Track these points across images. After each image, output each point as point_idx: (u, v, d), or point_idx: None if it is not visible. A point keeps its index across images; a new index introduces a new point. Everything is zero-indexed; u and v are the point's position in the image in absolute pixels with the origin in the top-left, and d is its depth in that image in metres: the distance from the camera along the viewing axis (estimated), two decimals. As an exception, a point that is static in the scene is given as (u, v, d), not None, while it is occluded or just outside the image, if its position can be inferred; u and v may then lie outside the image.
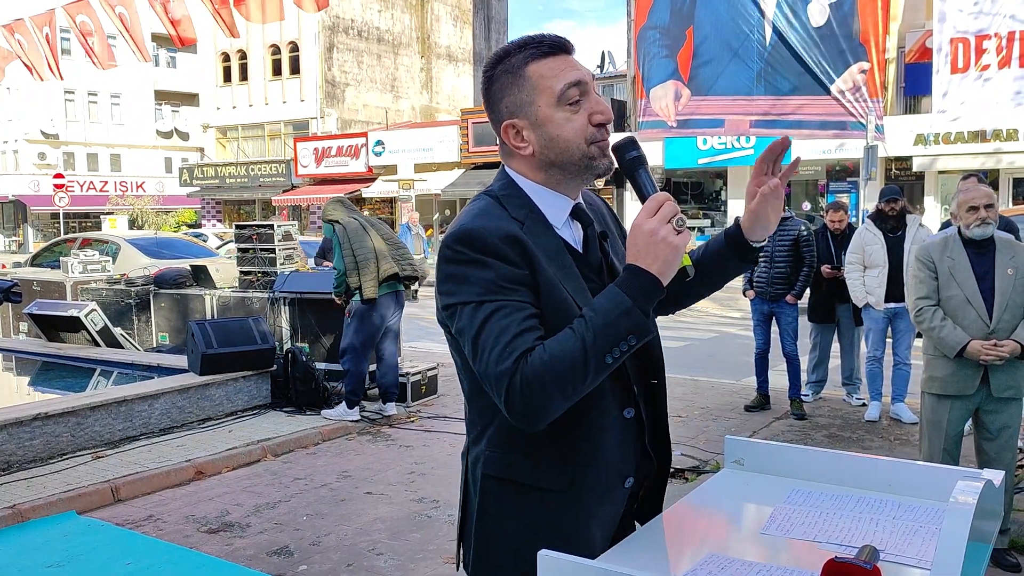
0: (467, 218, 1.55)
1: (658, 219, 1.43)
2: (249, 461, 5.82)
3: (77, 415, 5.80)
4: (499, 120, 1.60)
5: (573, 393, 1.42)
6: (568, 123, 1.54)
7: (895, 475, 1.71)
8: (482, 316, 1.45)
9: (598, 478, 1.58)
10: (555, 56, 1.56)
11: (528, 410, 1.41)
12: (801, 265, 6.68)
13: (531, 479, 1.57)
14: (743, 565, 1.39)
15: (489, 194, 1.61)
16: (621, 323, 1.40)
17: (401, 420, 6.91)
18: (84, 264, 10.49)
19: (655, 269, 1.42)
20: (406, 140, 27.85)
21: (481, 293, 1.46)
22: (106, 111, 43.66)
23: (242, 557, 4.21)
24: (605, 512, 1.61)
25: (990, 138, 17.96)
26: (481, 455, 1.62)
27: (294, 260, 8.92)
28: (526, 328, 1.44)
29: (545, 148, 1.56)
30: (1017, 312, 3.84)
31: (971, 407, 3.97)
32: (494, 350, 1.42)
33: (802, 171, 21.56)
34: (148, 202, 40.48)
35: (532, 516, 1.58)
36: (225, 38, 32.74)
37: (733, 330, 11.22)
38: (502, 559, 1.61)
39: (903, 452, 5.68)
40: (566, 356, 1.39)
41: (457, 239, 1.50)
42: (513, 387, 1.40)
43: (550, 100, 1.54)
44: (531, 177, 1.60)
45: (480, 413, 1.62)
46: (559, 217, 1.60)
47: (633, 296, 1.41)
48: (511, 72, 1.57)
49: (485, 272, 1.47)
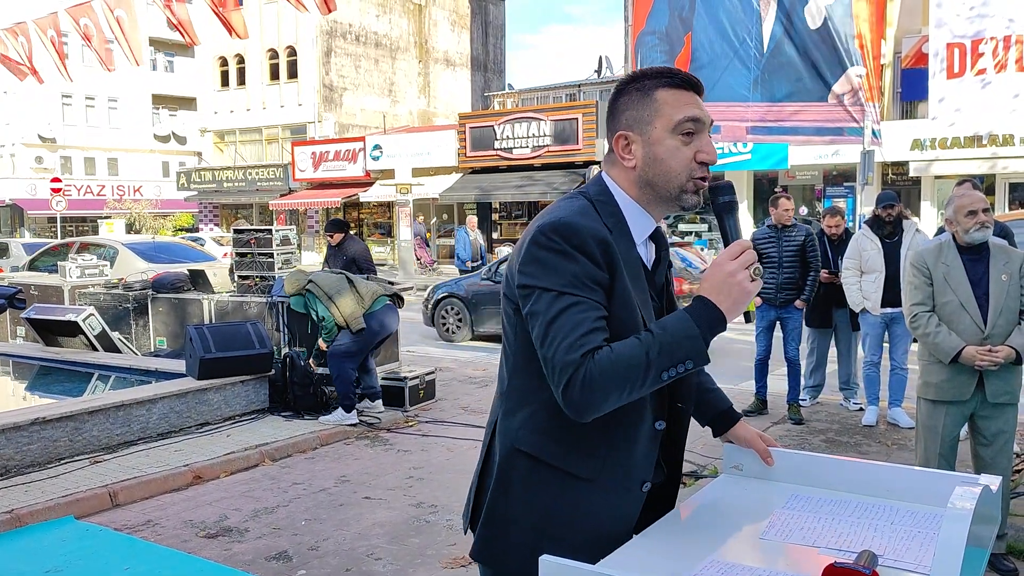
0: (566, 212, 1.63)
1: (738, 264, 1.55)
2: (247, 466, 5.82)
3: (75, 420, 5.80)
4: (615, 129, 1.72)
5: (628, 396, 1.53)
6: (677, 151, 1.66)
7: (893, 480, 1.73)
8: (560, 306, 1.54)
9: (621, 476, 1.68)
10: (685, 90, 1.68)
11: (584, 402, 1.51)
12: (808, 270, 6.72)
13: (561, 463, 1.66)
14: (743, 570, 1.40)
15: (584, 195, 1.71)
16: (684, 346, 1.51)
17: (399, 424, 6.91)
18: (82, 268, 10.48)
19: (724, 306, 1.54)
20: (404, 144, 27.85)
21: (564, 284, 1.56)
22: (103, 115, 43.59)
23: (240, 562, 4.21)
24: (620, 509, 1.69)
25: (987, 143, 18.02)
26: (513, 431, 1.71)
27: (292, 264, 8.92)
28: (598, 328, 1.54)
29: (647, 167, 1.68)
30: (1012, 317, 3.85)
31: (967, 412, 3.98)
32: (566, 339, 1.52)
33: (799, 176, 21.61)
34: (145, 206, 40.38)
35: (553, 497, 1.66)
36: (223, 42, 32.75)
37: (731, 334, 11.21)
38: (516, 534, 1.69)
39: (900, 457, 5.69)
40: (630, 362, 1.50)
41: (555, 229, 1.59)
42: (576, 378, 1.50)
43: (667, 125, 1.65)
44: (627, 190, 1.71)
45: (520, 391, 1.70)
46: (641, 234, 1.71)
47: (700, 325, 1.52)
48: (641, 91, 1.69)
49: (573, 266, 1.57)
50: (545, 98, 35.17)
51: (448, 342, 11.99)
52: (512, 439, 1.71)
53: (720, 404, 1.96)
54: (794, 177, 21.59)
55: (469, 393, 8.04)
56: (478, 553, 1.75)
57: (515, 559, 1.67)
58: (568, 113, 24.33)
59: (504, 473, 1.71)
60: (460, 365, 9.54)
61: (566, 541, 1.63)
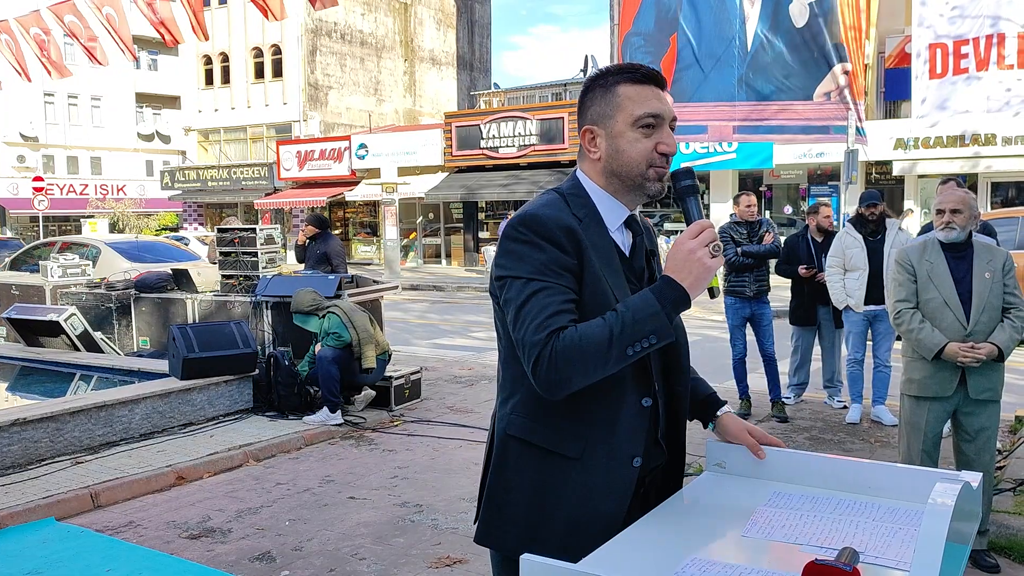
0: (534, 206, 1.75)
1: (698, 241, 1.63)
2: (231, 466, 5.78)
3: (56, 420, 5.74)
4: (582, 124, 1.82)
5: (594, 373, 1.61)
6: (637, 143, 1.75)
7: (875, 477, 1.73)
8: (529, 291, 1.65)
9: (606, 453, 1.72)
10: (646, 85, 1.77)
11: (551, 380, 1.60)
12: (772, 256, 6.86)
13: (549, 444, 1.74)
14: (725, 568, 1.40)
15: (558, 191, 1.82)
16: (647, 323, 1.59)
17: (384, 424, 6.89)
18: (64, 268, 10.39)
19: (687, 283, 1.62)
20: (389, 143, 27.77)
21: (532, 271, 1.66)
22: (86, 113, 43.24)
23: (224, 563, 4.18)
24: (609, 486, 1.72)
25: (969, 143, 18.17)
26: (505, 417, 1.80)
27: (276, 264, 8.88)
28: (564, 309, 1.63)
29: (611, 158, 1.78)
30: (994, 315, 3.88)
31: (949, 409, 4.00)
32: (534, 322, 1.62)
33: (784, 175, 21.71)
34: (129, 205, 40.10)
35: (544, 479, 1.74)
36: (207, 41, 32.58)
37: (714, 333, 11.26)
38: (511, 513, 1.77)
39: (884, 454, 5.72)
40: (594, 340, 1.58)
41: (522, 222, 1.71)
42: (543, 357, 1.59)
43: (627, 119, 1.75)
44: (596, 181, 1.81)
45: (512, 379, 1.79)
46: (614, 221, 1.80)
47: (662, 302, 1.60)
48: (605, 87, 1.79)
49: (540, 254, 1.67)
50: (531, 97, 35.17)
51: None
52: (504, 425, 1.80)
53: (702, 391, 1.99)
54: (779, 176, 21.68)
55: (455, 392, 8.02)
56: (480, 536, 1.83)
57: (513, 537, 1.76)
58: (554, 112, 24.34)
59: (499, 458, 1.80)
60: (446, 364, 9.52)
61: (558, 518, 1.70)
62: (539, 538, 1.72)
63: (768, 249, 6.76)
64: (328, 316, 6.90)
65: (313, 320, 6.95)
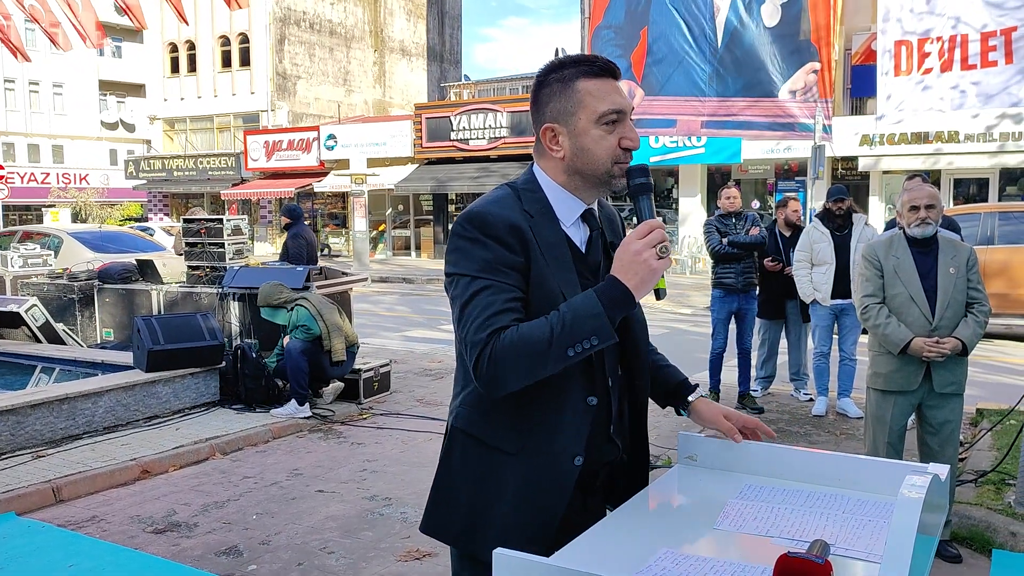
0: (482, 203, 1.74)
1: (645, 242, 1.59)
2: (197, 460, 5.71)
3: (17, 413, 5.63)
4: (541, 122, 1.78)
5: (534, 373, 1.60)
6: (602, 140, 1.72)
7: (845, 470, 1.74)
8: (474, 289, 1.64)
9: (546, 450, 1.71)
10: (604, 78, 1.74)
11: (491, 378, 1.60)
12: (758, 246, 6.89)
13: (490, 438, 1.74)
14: (696, 560, 1.40)
15: (511, 186, 1.80)
16: (588, 324, 1.57)
17: (353, 417, 6.85)
18: (24, 258, 10.19)
19: (631, 284, 1.59)
20: (359, 134, 27.58)
21: (477, 269, 1.65)
22: (48, 101, 42.41)
23: (189, 558, 4.13)
24: (547, 482, 1.71)
25: (932, 140, 18.46)
26: (454, 410, 1.82)
27: (244, 255, 8.78)
28: (508, 308, 1.62)
29: (575, 157, 1.74)
30: (959, 310, 3.94)
31: (914, 402, 4.06)
32: (476, 321, 1.61)
33: (751, 170, 21.89)
34: (92, 195, 39.40)
35: (485, 471, 1.74)
36: (173, 28, 32.10)
37: (683, 326, 11.34)
38: (454, 503, 1.78)
39: (849, 446, 5.79)
40: (533, 340, 1.57)
41: (468, 219, 1.70)
42: (484, 355, 1.58)
43: (591, 117, 1.72)
44: (554, 178, 1.78)
45: (464, 373, 1.78)
46: (569, 216, 1.78)
47: (604, 303, 1.58)
48: (562, 82, 1.75)
49: (484, 252, 1.66)
50: (502, 89, 35.13)
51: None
52: (453, 418, 1.81)
53: (673, 378, 1.98)
54: (747, 171, 21.85)
55: (424, 385, 7.99)
56: (424, 526, 1.84)
57: (455, 527, 1.77)
58: (525, 105, 23.97)
59: (447, 450, 1.82)
60: (416, 357, 9.49)
61: (498, 511, 1.71)
62: (479, 529, 1.72)
63: (755, 240, 6.80)
64: (296, 309, 6.83)
65: (281, 313, 6.88)
